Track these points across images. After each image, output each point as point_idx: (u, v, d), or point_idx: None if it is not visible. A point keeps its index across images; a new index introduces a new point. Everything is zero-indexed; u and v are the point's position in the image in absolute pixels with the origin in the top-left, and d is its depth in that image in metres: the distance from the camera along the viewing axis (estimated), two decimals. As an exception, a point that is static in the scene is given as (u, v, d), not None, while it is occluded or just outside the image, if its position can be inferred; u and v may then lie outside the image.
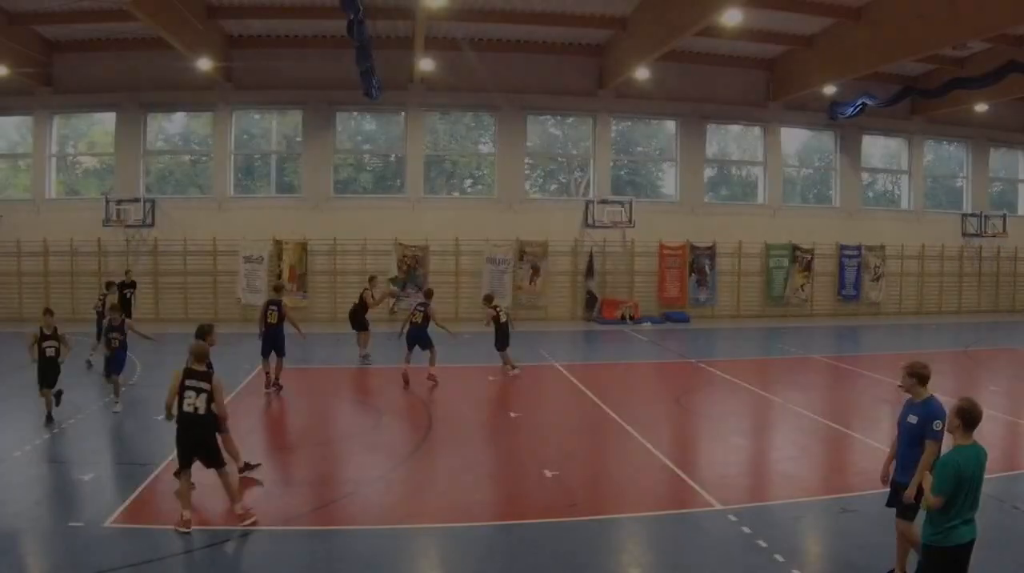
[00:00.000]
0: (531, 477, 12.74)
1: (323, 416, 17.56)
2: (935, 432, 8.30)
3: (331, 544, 10.25)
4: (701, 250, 33.20)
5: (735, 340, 28.85)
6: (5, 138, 34.02)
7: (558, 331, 30.54)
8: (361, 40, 23.50)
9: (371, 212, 32.40)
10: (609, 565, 9.60)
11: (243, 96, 32.52)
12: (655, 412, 17.47)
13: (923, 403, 8.60)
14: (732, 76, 33.31)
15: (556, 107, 33.46)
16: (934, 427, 8.32)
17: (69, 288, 32.31)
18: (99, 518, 10.61)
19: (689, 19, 24.82)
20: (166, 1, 25.07)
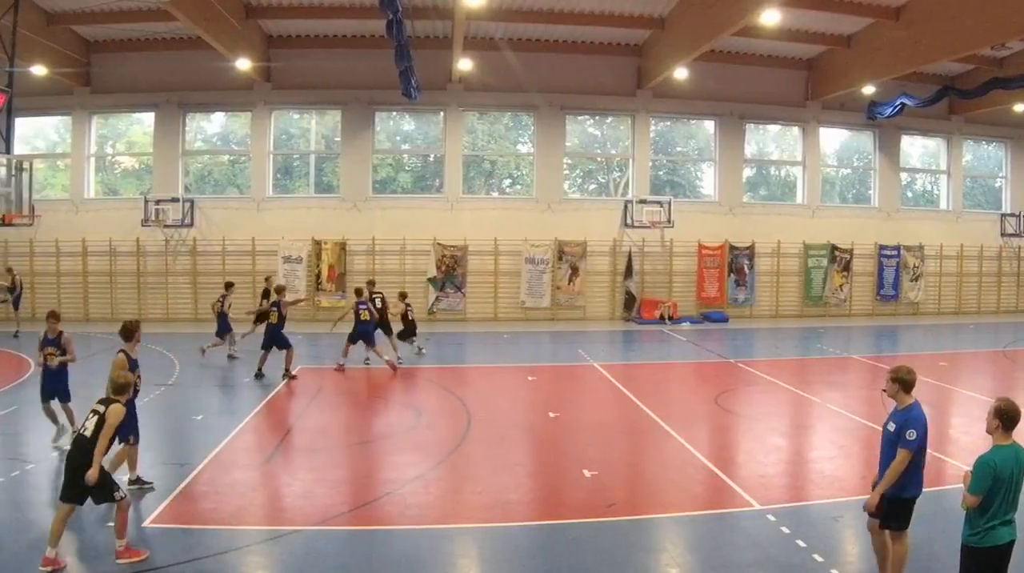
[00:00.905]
0: (570, 477, 12.51)
1: (361, 416, 17.29)
2: (908, 441, 8.01)
3: (370, 544, 10.06)
4: (740, 250, 32.45)
5: (773, 340, 28.16)
6: (44, 138, 33.54)
7: (597, 331, 29.92)
8: (400, 40, 22.94)
9: (410, 212, 31.80)
10: (648, 565, 9.40)
11: (282, 96, 31.92)
12: (694, 412, 17.21)
13: (904, 410, 8.24)
14: (771, 76, 32.52)
15: (595, 107, 32.73)
16: (907, 436, 8.03)
17: (108, 288, 31.80)
18: (138, 519, 10.42)
19: (728, 19, 24.26)
20: (205, 1, 24.55)
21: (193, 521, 10.51)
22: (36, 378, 19.95)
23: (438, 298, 31.44)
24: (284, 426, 15.85)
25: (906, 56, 26.55)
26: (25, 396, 17.88)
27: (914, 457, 8.05)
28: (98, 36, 30.83)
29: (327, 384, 19.12)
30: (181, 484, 11.78)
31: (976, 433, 9.28)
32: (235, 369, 21.13)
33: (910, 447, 7.97)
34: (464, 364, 21.06)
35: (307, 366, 21.61)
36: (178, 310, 31.42)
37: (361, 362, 21.59)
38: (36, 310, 30.96)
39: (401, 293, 23.60)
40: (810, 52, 31.73)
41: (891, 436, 8.15)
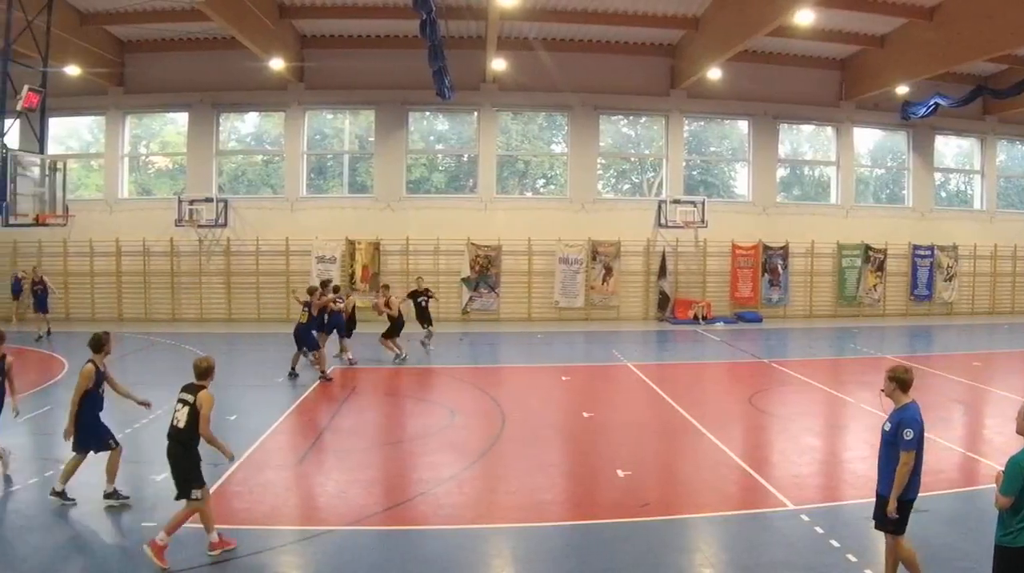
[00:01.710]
0: (604, 477, 12.41)
1: (395, 416, 17.07)
2: (907, 442, 7.76)
3: (403, 544, 9.92)
4: (774, 250, 31.79)
5: (807, 340, 27.62)
6: (78, 138, 33.03)
7: (630, 331, 29.40)
8: (433, 40, 22.49)
9: (443, 212, 31.20)
10: (682, 564, 9.28)
11: (316, 96, 31.36)
12: (727, 412, 16.93)
13: (900, 410, 8.00)
14: (804, 76, 31.87)
15: (628, 107, 32.10)
16: (905, 436, 7.77)
17: (141, 288, 31.20)
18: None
19: (762, 19, 23.75)
20: (238, 1, 24.04)
21: (227, 521, 10.26)
22: (71, 378, 19.60)
23: (472, 298, 30.89)
24: (318, 426, 15.58)
25: (940, 56, 26.02)
26: (58, 397, 17.61)
27: None
28: (132, 36, 30.28)
29: (361, 384, 18.94)
30: (215, 484, 11.49)
31: (1009, 433, 8.95)
32: (268, 369, 20.62)
33: (910, 448, 7.73)
34: (498, 364, 20.89)
35: (341, 366, 21.19)
36: (211, 310, 30.92)
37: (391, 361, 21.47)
38: (71, 310, 30.89)
39: (384, 284, 23.37)
40: (844, 52, 31.09)
41: (887, 436, 7.92)
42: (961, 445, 13.80)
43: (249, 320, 30.41)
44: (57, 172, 21.95)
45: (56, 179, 21.86)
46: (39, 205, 20.98)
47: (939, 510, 10.44)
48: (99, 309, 30.89)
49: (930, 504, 10.40)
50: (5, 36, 20.13)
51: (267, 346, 24.89)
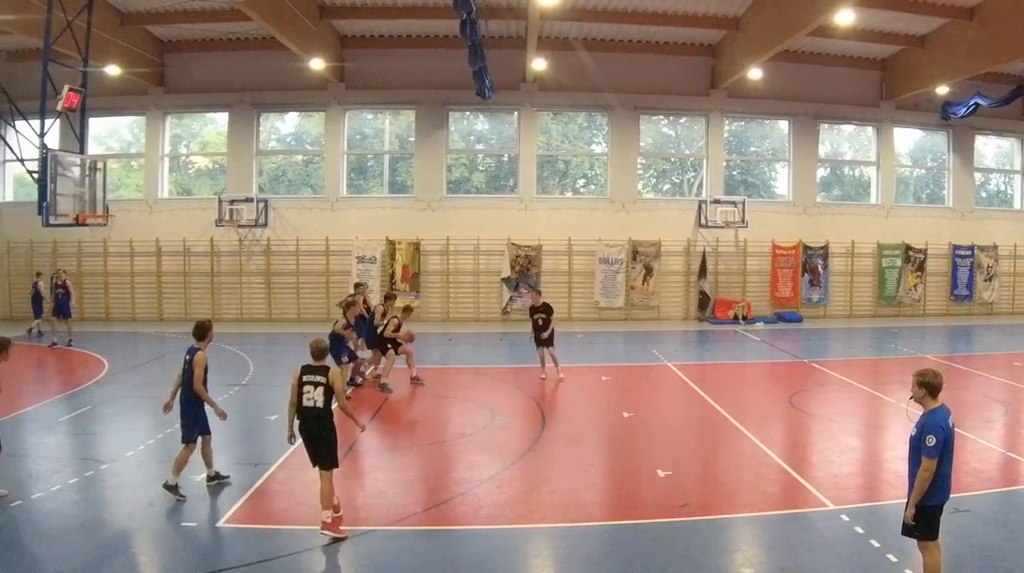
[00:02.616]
0: (644, 477, 12.20)
1: (436, 416, 16.69)
2: (928, 448, 7.53)
3: (444, 544, 9.77)
4: (814, 250, 31.05)
5: (847, 340, 26.96)
6: (118, 138, 32.49)
7: (671, 331, 28.74)
8: (474, 40, 21.99)
9: (484, 212, 30.55)
10: (722, 565, 9.08)
11: (356, 96, 30.74)
12: (768, 412, 16.64)
13: (927, 414, 7.77)
14: (845, 76, 31.12)
15: (669, 107, 31.42)
16: (927, 442, 7.55)
17: (181, 289, 30.67)
18: (212, 518, 10.32)
19: (802, 19, 23.18)
20: (278, 1, 23.62)
21: (267, 521, 10.37)
22: (111, 378, 19.68)
23: (512, 298, 30.11)
24: (358, 426, 14.47)
25: (980, 56, 25.36)
26: (99, 396, 17.52)
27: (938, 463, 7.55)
28: (172, 36, 29.75)
29: (400, 384, 18.43)
30: (255, 484, 11.54)
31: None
32: None
33: (931, 454, 7.50)
34: (538, 364, 19.73)
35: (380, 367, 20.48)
36: (252, 310, 30.39)
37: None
38: (110, 311, 30.41)
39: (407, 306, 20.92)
40: (884, 52, 30.37)
41: (914, 441, 7.72)
42: (1002, 445, 13.49)
43: (289, 320, 29.81)
44: (97, 172, 21.61)
45: (96, 179, 21.52)
46: (79, 205, 20.65)
47: (980, 510, 10.28)
48: (139, 309, 30.34)
49: (971, 504, 10.36)
50: (46, 36, 19.82)
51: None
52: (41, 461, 12.59)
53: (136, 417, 15.79)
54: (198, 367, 11.06)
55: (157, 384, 16.02)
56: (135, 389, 18.09)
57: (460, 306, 30.19)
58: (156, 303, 30.25)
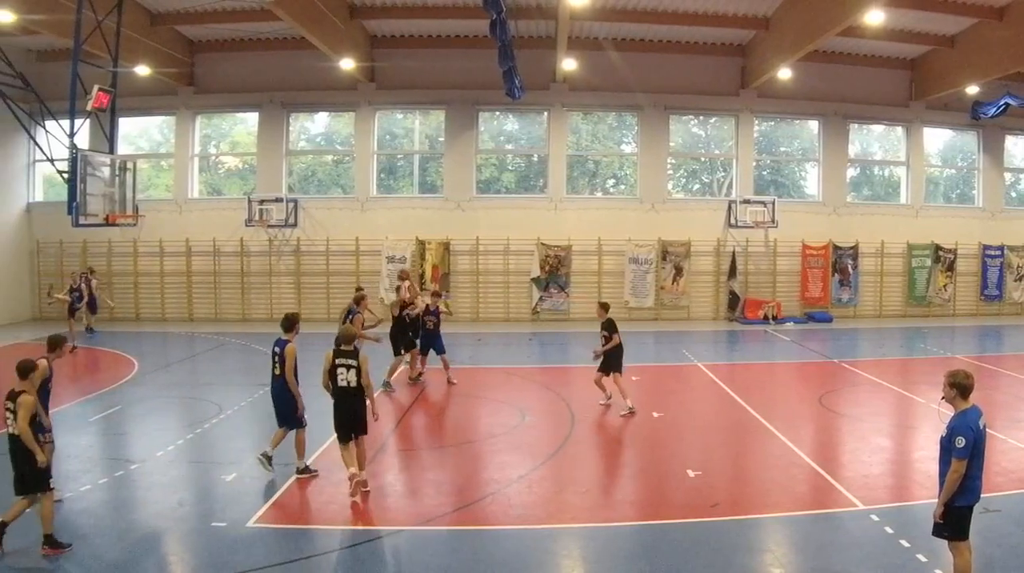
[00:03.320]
0: (674, 477, 12.05)
1: (465, 416, 16.55)
2: (958, 449, 7.42)
3: (474, 544, 9.65)
4: (844, 250, 30.52)
5: (877, 340, 26.41)
6: (148, 138, 32.04)
7: (700, 331, 28.29)
8: (503, 40, 21.51)
9: (513, 212, 30.08)
10: (752, 565, 8.98)
11: (386, 96, 30.26)
12: (797, 412, 16.41)
13: (958, 416, 7.64)
14: (874, 76, 30.55)
15: (699, 107, 30.91)
16: (957, 444, 7.43)
17: (211, 289, 30.16)
18: (242, 518, 10.11)
19: (832, 19, 22.72)
20: (309, 1, 23.17)
21: (297, 521, 10.32)
22: (141, 378, 19.36)
23: (542, 298, 29.71)
24: (388, 426, 15.09)
25: (1010, 56, 24.79)
26: (129, 396, 17.29)
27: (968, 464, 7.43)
28: (202, 36, 29.32)
29: (431, 385, 18.34)
30: (285, 484, 11.42)
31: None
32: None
33: (961, 455, 7.37)
34: (568, 364, 20.22)
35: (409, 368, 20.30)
36: (282, 310, 28.19)
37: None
38: (140, 311, 29.91)
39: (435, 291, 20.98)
40: (914, 52, 29.79)
41: (944, 442, 7.62)
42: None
43: (319, 320, 28.83)
44: (127, 172, 21.31)
45: (126, 179, 21.23)
46: (109, 205, 20.39)
47: (1010, 510, 10.17)
48: (169, 309, 29.91)
49: (1002, 504, 10.25)
50: (76, 36, 19.48)
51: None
52: (71, 461, 12.39)
53: (166, 417, 15.69)
54: (290, 358, 11.52)
55: (187, 384, 16.11)
56: (165, 389, 17.91)
57: (490, 306, 29.73)
58: (186, 303, 29.80)
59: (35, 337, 26.40)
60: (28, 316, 29.72)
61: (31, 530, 9.11)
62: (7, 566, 8.75)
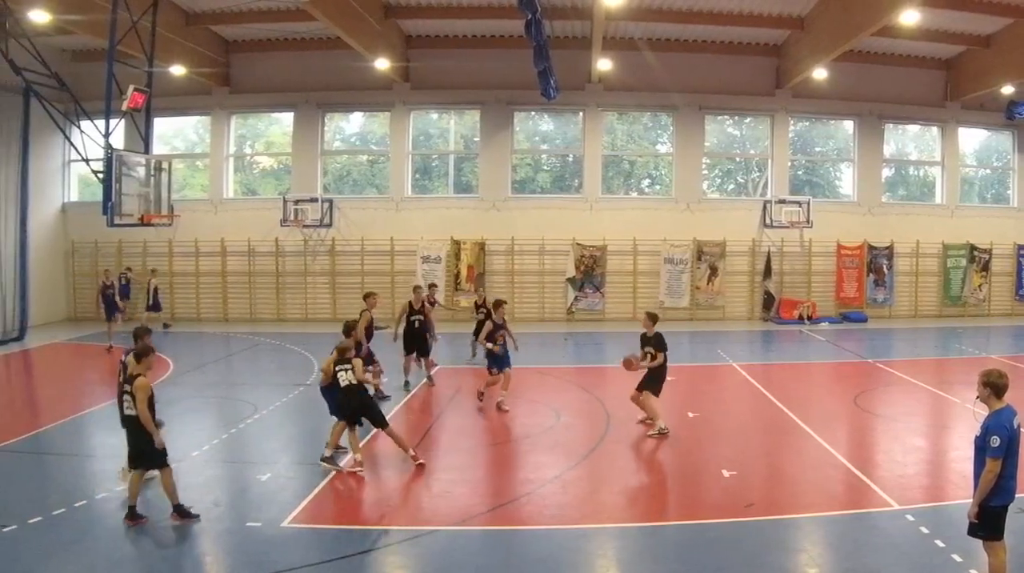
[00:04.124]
0: (709, 476, 11.86)
1: (500, 416, 15.81)
2: (992, 449, 7.19)
3: (509, 544, 9.53)
4: (879, 250, 29.90)
5: (912, 340, 25.98)
6: (183, 138, 31.59)
7: (735, 331, 27.79)
8: (539, 40, 21.08)
9: (549, 212, 29.55)
10: (787, 565, 8.82)
11: (421, 96, 29.75)
12: (832, 412, 15.97)
13: (992, 415, 7.41)
14: (909, 76, 29.86)
15: (734, 107, 30.32)
16: (991, 444, 7.20)
17: (247, 289, 29.62)
18: (277, 518, 9.95)
19: (867, 19, 22.22)
20: (344, 1, 22.71)
21: (332, 521, 10.19)
22: (177, 378, 18.99)
23: (577, 298, 29.18)
24: (423, 426, 14.97)
25: None
26: (165, 396, 16.65)
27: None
28: (237, 36, 28.82)
29: (465, 385, 17.97)
30: (320, 484, 11.25)
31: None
32: None
33: (995, 455, 7.18)
34: (603, 364, 19.62)
35: (446, 367, 20.28)
36: (317, 310, 29.37)
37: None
38: (175, 310, 29.30)
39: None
40: (949, 52, 29.14)
41: (978, 441, 7.43)
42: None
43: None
44: (162, 172, 20.89)
45: (161, 179, 20.81)
46: (144, 205, 19.98)
47: None
48: (204, 309, 29.47)
49: None
50: (111, 36, 19.17)
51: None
52: (106, 461, 12.21)
53: (201, 417, 15.51)
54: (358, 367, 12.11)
55: (222, 384, 15.88)
56: (200, 389, 17.62)
57: (525, 306, 29.14)
58: (221, 303, 29.36)
59: (70, 337, 26.42)
60: (63, 316, 29.33)
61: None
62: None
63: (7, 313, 25.51)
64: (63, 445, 13.50)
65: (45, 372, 21.92)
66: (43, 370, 22.24)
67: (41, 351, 24.02)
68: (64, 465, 12.30)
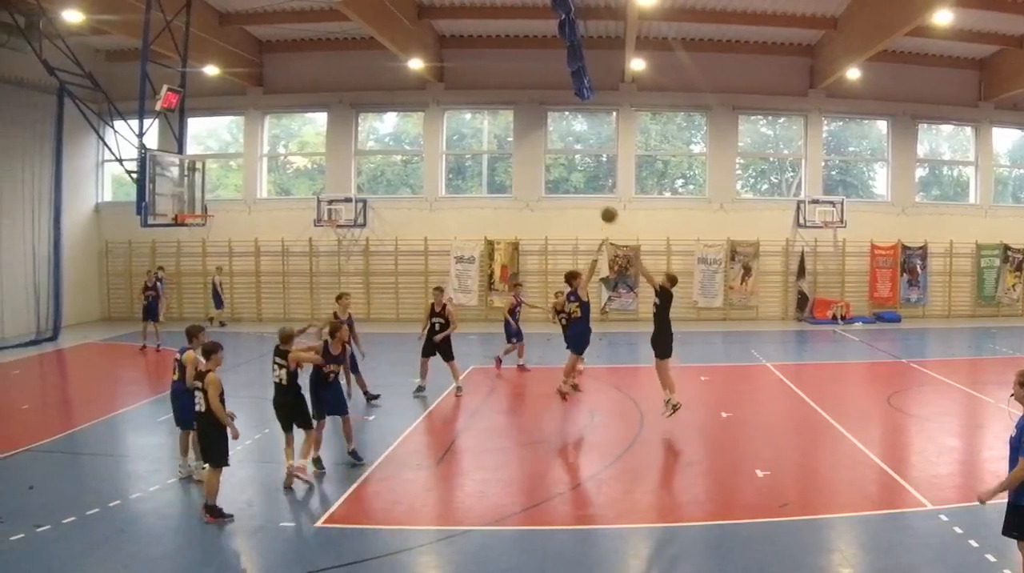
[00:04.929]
0: (743, 477, 11.66)
1: (534, 416, 15.90)
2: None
3: (542, 544, 9.38)
4: (912, 250, 29.28)
5: (946, 340, 25.57)
6: (217, 138, 31.12)
7: (769, 331, 27.22)
8: (572, 40, 20.48)
9: (582, 212, 28.42)
10: (821, 564, 8.68)
11: (454, 96, 29.28)
12: (866, 412, 15.72)
13: None
14: (943, 76, 29.20)
15: (767, 107, 29.75)
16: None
17: (280, 289, 29.10)
18: (310, 518, 9.96)
19: (900, 19, 21.68)
20: (377, 1, 22.27)
21: (366, 521, 10.03)
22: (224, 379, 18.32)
23: (610, 298, 28.70)
24: (456, 426, 14.90)
25: None
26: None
27: None
28: (270, 36, 28.34)
29: (499, 384, 17.85)
30: (354, 484, 11.13)
31: None
32: (406, 370, 18.69)
33: None
34: (636, 364, 18.94)
35: (480, 366, 19.86)
36: (351, 310, 27.12)
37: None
38: (209, 311, 28.27)
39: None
40: (982, 52, 28.50)
41: (1014, 441, 7.29)
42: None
43: (388, 320, 28.12)
44: (196, 172, 20.52)
45: (195, 179, 20.44)
46: (178, 205, 19.66)
47: None
48: (238, 309, 28.91)
49: None
50: (144, 36, 18.76)
51: (406, 346, 23.05)
52: (140, 461, 12.32)
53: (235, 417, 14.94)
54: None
55: (255, 384, 15.31)
56: (233, 390, 17.57)
57: None
58: (255, 303, 28.88)
59: (103, 337, 26.04)
60: (97, 316, 28.87)
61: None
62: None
63: (41, 313, 25.16)
64: (97, 445, 13.34)
65: (79, 372, 21.70)
66: (77, 370, 22.01)
67: (74, 351, 23.70)
68: (98, 465, 12.14)
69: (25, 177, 25.33)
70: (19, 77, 24.16)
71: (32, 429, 14.09)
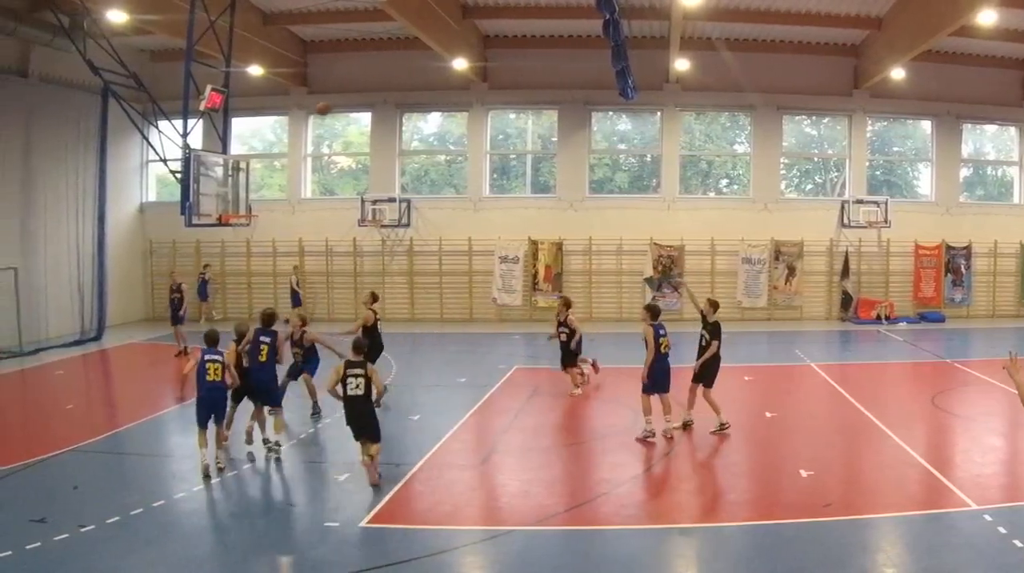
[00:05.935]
0: (786, 476, 11.45)
1: (577, 416, 15.64)
2: None
3: (586, 544, 9.19)
4: (956, 250, 28.54)
5: (991, 340, 24.36)
6: (261, 138, 30.61)
7: (813, 331, 26.58)
8: (616, 40, 20.13)
9: (626, 212, 28.37)
10: (865, 565, 8.41)
11: (498, 96, 28.66)
12: (910, 412, 15.32)
13: None
14: (987, 76, 28.27)
15: (811, 107, 29.04)
16: None
17: (324, 289, 28.47)
18: (355, 518, 9.64)
19: (944, 19, 21.04)
20: (422, 1, 21.79)
21: (410, 521, 9.84)
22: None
23: (654, 298, 26.89)
24: (500, 426, 14.53)
25: None
26: None
27: None
28: (315, 36, 27.73)
29: (543, 384, 17.34)
30: (398, 484, 10.89)
31: None
32: (450, 370, 18.90)
33: None
34: (680, 364, 18.01)
35: (523, 367, 19.71)
36: (395, 311, 27.91)
37: None
38: (253, 311, 27.24)
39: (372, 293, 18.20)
40: None
41: None
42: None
43: (432, 320, 27.71)
44: (240, 172, 20.06)
45: (239, 179, 19.97)
46: (222, 205, 19.18)
47: None
48: (282, 308, 27.34)
49: None
50: (188, 36, 18.40)
51: (450, 346, 23.10)
52: (183, 461, 11.99)
53: None
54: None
55: (299, 384, 14.70)
56: None
57: (602, 306, 28.03)
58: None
59: (147, 337, 25.61)
60: (141, 316, 28.35)
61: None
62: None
63: (85, 313, 24.84)
64: (141, 445, 13.12)
65: (123, 372, 21.40)
66: (121, 370, 21.71)
67: (118, 351, 23.34)
68: (142, 465, 11.97)
69: (70, 177, 25.04)
70: (64, 77, 23.97)
71: (76, 429, 13.98)
